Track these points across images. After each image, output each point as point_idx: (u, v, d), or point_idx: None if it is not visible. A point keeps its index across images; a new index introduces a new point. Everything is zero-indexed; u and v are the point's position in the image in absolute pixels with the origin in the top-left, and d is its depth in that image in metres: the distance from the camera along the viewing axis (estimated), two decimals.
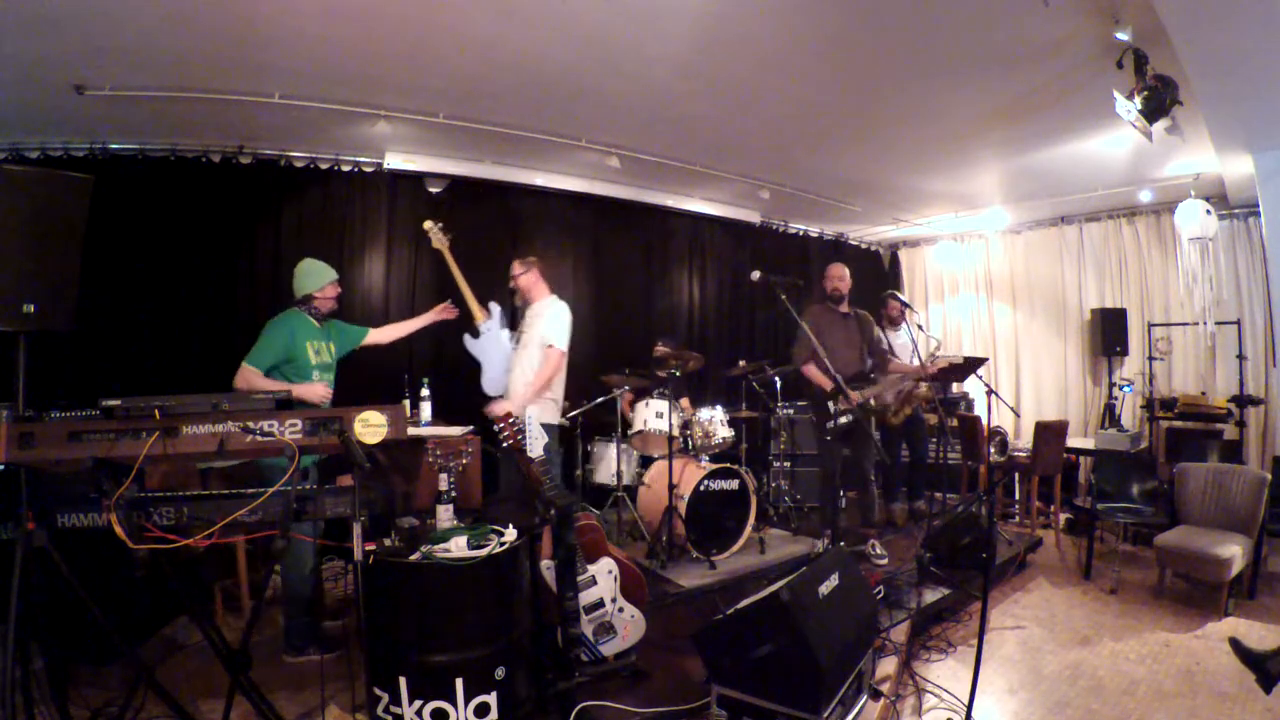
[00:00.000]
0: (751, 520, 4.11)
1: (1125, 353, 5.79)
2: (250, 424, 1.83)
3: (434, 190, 4.96)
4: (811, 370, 3.99)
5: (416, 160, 4.69)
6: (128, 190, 4.01)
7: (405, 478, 2.38)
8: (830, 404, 3.78)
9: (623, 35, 3.12)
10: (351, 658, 2.24)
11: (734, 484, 4.07)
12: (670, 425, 4.00)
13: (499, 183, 5.06)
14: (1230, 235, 5.29)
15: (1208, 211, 4.72)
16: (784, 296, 3.42)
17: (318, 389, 2.95)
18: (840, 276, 4.30)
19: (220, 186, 4.30)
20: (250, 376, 2.85)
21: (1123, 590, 3.86)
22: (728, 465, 4.08)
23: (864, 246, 7.64)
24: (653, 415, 4.14)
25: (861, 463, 4.06)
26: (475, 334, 3.67)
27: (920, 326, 5.96)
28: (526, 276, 3.66)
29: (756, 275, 3.37)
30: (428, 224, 3.67)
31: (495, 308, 3.72)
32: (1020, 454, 5.27)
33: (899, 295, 5.51)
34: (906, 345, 5.31)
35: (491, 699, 2.11)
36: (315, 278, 3.13)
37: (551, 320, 3.52)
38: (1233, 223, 5.29)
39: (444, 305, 3.55)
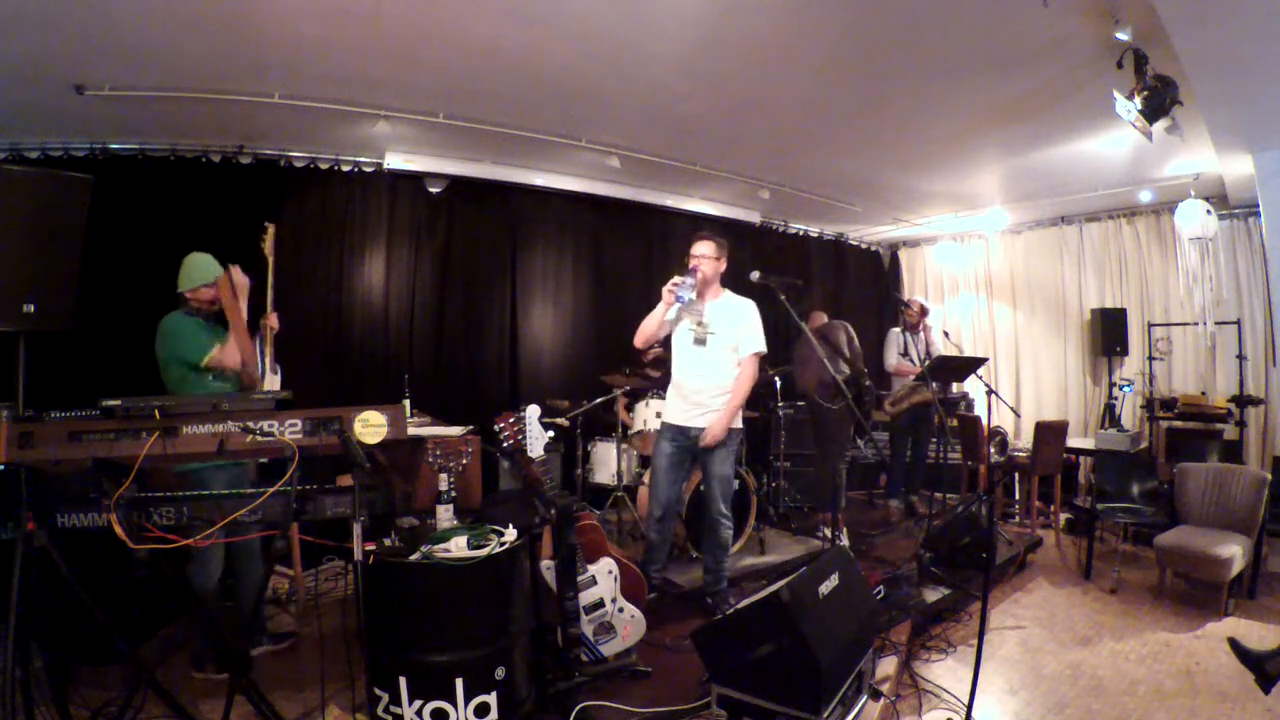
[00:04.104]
0: (751, 520, 4.11)
1: (1125, 353, 5.79)
2: (250, 424, 1.83)
3: (434, 190, 4.96)
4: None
5: (416, 160, 4.69)
6: (128, 190, 4.01)
7: (405, 478, 2.37)
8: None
9: (623, 35, 3.12)
10: (351, 657, 2.24)
11: (734, 484, 4.06)
12: None
13: (499, 183, 5.07)
14: (1230, 235, 5.29)
15: (1208, 211, 4.72)
16: (784, 296, 3.41)
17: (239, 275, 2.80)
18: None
19: (220, 186, 4.29)
20: (225, 355, 2.67)
21: (1123, 590, 3.86)
22: None
23: (864, 246, 7.64)
24: (653, 415, 4.14)
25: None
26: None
27: (947, 334, 5.96)
28: (717, 262, 3.25)
29: (756, 275, 3.36)
30: (270, 229, 3.07)
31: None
32: (1020, 454, 5.27)
33: (915, 298, 5.60)
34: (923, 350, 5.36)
35: (491, 699, 2.11)
36: (187, 277, 2.79)
37: (754, 321, 3.27)
38: (1233, 223, 5.28)
39: (270, 316, 3.03)
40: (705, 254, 3.23)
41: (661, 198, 5.75)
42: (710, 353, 3.25)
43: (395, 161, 4.63)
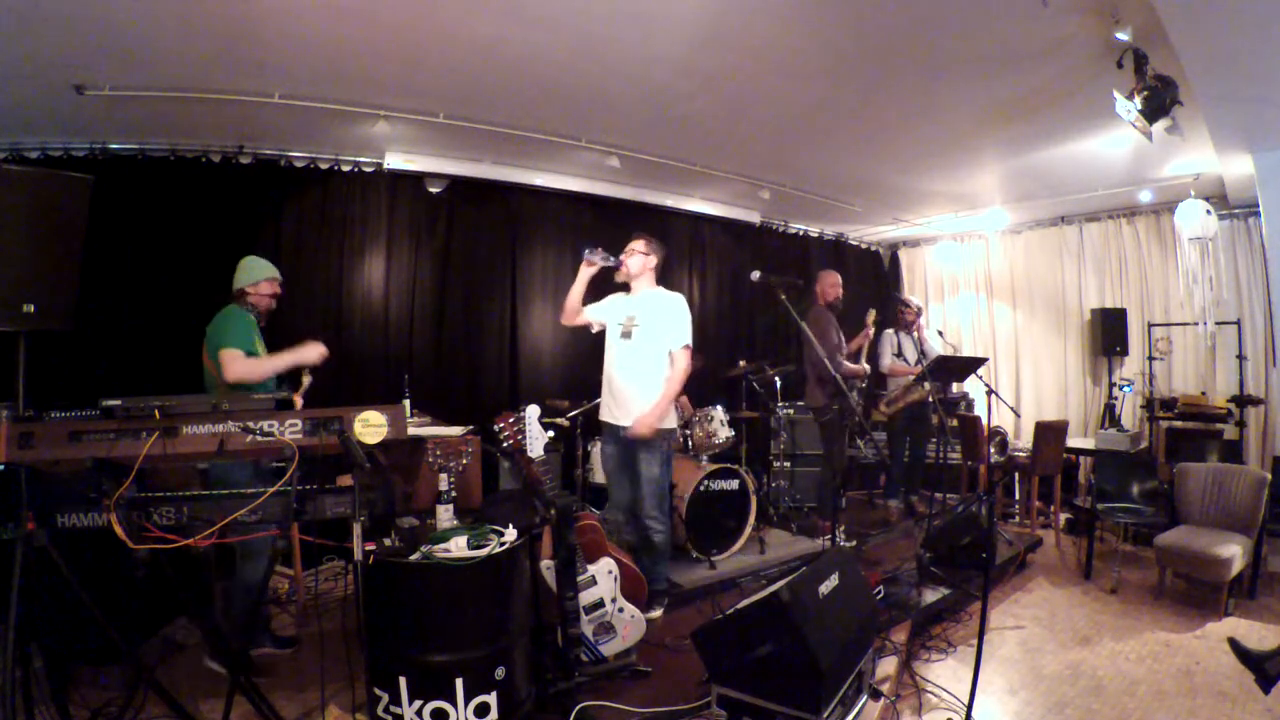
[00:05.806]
0: (751, 520, 4.11)
1: (1125, 353, 5.79)
2: (250, 424, 1.83)
3: (434, 190, 4.96)
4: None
5: (416, 160, 4.68)
6: (128, 190, 4.01)
7: (405, 478, 2.37)
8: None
9: (623, 35, 3.12)
10: (351, 657, 2.24)
11: (734, 484, 4.07)
12: None
13: (499, 183, 5.06)
14: (1230, 235, 5.29)
15: (1208, 211, 4.72)
16: (784, 296, 3.42)
17: (315, 349, 2.92)
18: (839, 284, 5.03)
19: (220, 186, 4.29)
20: (240, 359, 2.70)
21: (1123, 590, 3.86)
22: (728, 465, 4.08)
23: (864, 246, 7.64)
24: None
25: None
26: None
27: (941, 333, 5.96)
28: (646, 258, 3.31)
29: (756, 275, 3.36)
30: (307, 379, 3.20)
31: None
32: (1020, 454, 5.27)
33: (911, 299, 5.63)
34: (916, 350, 5.39)
35: (491, 699, 2.11)
36: (248, 273, 3.04)
37: (683, 315, 3.24)
38: (1233, 223, 5.28)
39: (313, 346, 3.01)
40: (636, 249, 3.32)
41: (661, 198, 5.74)
42: (636, 345, 3.23)
43: (395, 161, 4.62)
